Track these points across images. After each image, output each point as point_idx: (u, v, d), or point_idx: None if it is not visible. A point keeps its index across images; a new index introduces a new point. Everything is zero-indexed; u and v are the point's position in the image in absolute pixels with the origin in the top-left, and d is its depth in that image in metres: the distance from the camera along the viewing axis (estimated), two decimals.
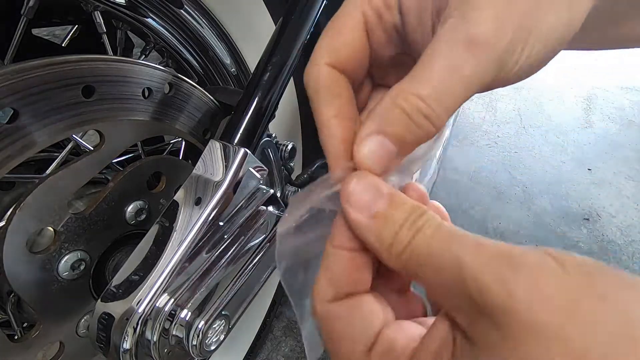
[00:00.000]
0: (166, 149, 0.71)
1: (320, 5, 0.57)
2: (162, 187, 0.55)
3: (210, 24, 0.72)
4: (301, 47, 0.56)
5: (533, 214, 1.69)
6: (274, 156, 0.64)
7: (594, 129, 2.21)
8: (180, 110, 0.55)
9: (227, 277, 0.49)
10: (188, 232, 0.45)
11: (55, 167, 0.50)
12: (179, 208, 0.47)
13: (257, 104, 0.53)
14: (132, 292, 0.43)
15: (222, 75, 0.76)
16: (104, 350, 0.44)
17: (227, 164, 0.49)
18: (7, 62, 0.51)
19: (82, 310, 0.50)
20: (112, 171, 0.58)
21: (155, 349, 0.45)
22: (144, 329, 0.44)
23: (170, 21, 0.68)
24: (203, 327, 0.45)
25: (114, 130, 0.47)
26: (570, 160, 1.99)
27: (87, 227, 0.47)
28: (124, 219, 0.51)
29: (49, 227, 0.44)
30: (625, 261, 1.51)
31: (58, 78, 0.40)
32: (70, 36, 0.74)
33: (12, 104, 0.38)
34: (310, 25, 0.57)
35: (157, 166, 0.54)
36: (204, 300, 0.47)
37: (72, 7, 0.68)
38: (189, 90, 0.55)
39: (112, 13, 0.61)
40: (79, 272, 0.47)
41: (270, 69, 0.53)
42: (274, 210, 0.56)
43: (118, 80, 0.45)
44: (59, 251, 0.45)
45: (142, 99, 0.49)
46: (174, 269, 0.44)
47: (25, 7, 0.49)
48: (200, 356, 0.47)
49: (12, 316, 0.50)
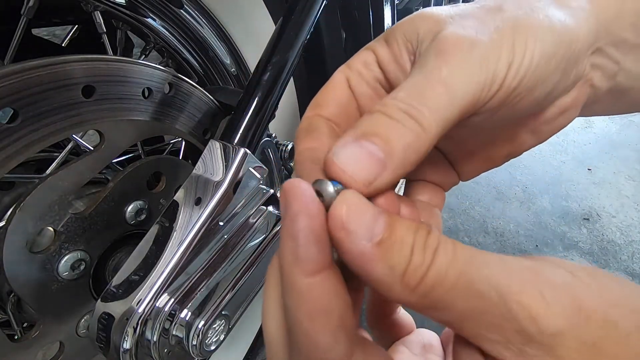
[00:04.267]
0: (166, 149, 0.71)
1: (320, 5, 0.57)
2: (162, 187, 0.55)
3: (210, 24, 0.72)
4: (301, 47, 0.56)
5: (533, 214, 1.69)
6: (274, 156, 0.64)
7: (594, 129, 2.21)
8: (180, 110, 0.55)
9: (227, 277, 0.49)
10: (188, 232, 0.45)
11: (55, 167, 0.50)
12: (179, 208, 0.47)
13: (257, 104, 0.52)
14: (132, 292, 0.43)
15: (222, 75, 0.76)
16: (104, 350, 0.44)
17: (227, 164, 0.49)
18: (7, 62, 0.51)
19: (82, 310, 0.50)
20: (112, 171, 0.58)
21: (155, 349, 0.45)
22: (144, 329, 0.44)
23: (170, 21, 0.68)
24: (203, 327, 0.45)
25: (114, 130, 0.47)
26: (570, 160, 1.99)
27: (87, 227, 0.47)
28: (124, 219, 0.51)
29: (49, 227, 0.44)
30: (625, 261, 1.51)
31: (58, 78, 0.40)
32: (70, 36, 0.74)
33: (12, 104, 0.38)
34: (310, 25, 0.57)
35: (157, 166, 0.54)
36: (204, 300, 0.46)
37: (72, 7, 0.68)
38: (189, 90, 0.55)
39: (112, 13, 0.61)
40: (79, 272, 0.47)
41: (270, 69, 0.53)
42: (274, 210, 0.56)
43: (118, 80, 0.45)
44: (59, 251, 0.45)
45: (142, 99, 0.49)
46: (174, 269, 0.44)
47: (25, 7, 0.49)
48: (200, 356, 0.47)
49: (12, 316, 0.50)
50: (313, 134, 0.22)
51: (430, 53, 0.20)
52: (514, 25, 0.20)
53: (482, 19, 0.20)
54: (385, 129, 0.18)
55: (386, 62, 0.24)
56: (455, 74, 0.19)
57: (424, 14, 0.22)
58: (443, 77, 0.19)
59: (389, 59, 0.23)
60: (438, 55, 0.19)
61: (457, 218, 1.63)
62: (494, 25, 0.20)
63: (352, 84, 0.24)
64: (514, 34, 0.20)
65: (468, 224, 1.61)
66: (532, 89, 0.20)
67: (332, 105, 0.23)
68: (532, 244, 1.54)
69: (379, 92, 0.24)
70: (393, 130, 0.18)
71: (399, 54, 0.23)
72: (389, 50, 0.23)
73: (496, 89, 0.19)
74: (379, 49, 0.24)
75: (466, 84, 0.19)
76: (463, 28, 0.20)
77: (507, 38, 0.20)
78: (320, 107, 0.23)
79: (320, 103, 0.24)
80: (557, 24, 0.20)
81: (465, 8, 0.22)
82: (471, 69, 0.19)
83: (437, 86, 0.18)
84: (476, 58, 0.19)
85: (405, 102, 0.18)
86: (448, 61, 0.19)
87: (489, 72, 0.19)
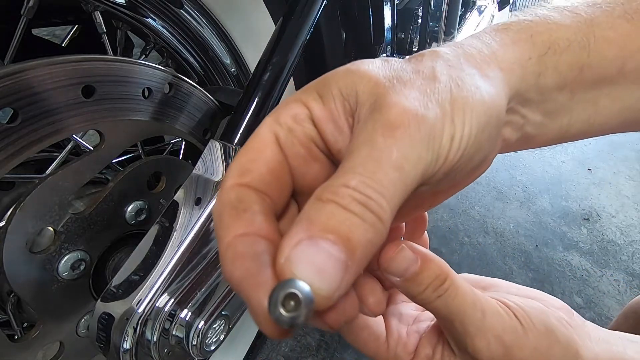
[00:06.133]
0: (166, 149, 0.71)
1: (320, 5, 0.57)
2: (162, 187, 0.55)
3: (210, 24, 0.72)
4: (301, 47, 0.56)
5: (533, 214, 1.69)
6: None
7: None
8: (180, 110, 0.55)
9: None
10: (188, 232, 0.45)
11: (55, 167, 0.50)
12: (179, 208, 0.47)
13: (257, 104, 0.52)
14: (132, 292, 0.43)
15: (222, 75, 0.76)
16: (104, 350, 0.44)
17: (227, 164, 0.49)
18: (7, 62, 0.51)
19: (82, 310, 0.50)
20: (112, 171, 0.58)
21: (155, 349, 0.45)
22: (144, 329, 0.44)
23: (170, 21, 0.68)
24: (203, 327, 0.45)
25: (114, 130, 0.47)
26: (570, 160, 1.99)
27: (87, 227, 0.47)
28: (124, 219, 0.51)
29: (49, 227, 0.44)
30: (625, 261, 1.51)
31: (58, 78, 0.40)
32: (70, 36, 0.74)
33: (12, 104, 0.38)
34: (310, 25, 0.57)
35: (157, 166, 0.54)
36: (204, 300, 0.46)
37: (72, 7, 0.68)
38: (189, 90, 0.55)
39: (112, 13, 0.61)
40: (79, 272, 0.47)
41: (270, 69, 0.53)
42: None
43: (118, 80, 0.45)
44: (59, 251, 0.45)
45: (142, 99, 0.49)
46: (174, 269, 0.44)
47: (25, 7, 0.49)
48: (200, 356, 0.47)
49: (12, 316, 0.50)
50: (244, 215, 0.19)
51: (376, 126, 0.19)
52: (451, 99, 0.20)
53: (421, 89, 0.20)
54: (344, 226, 0.16)
55: (322, 121, 0.21)
56: (406, 155, 0.18)
57: (360, 72, 0.21)
58: (394, 159, 0.18)
59: (325, 117, 0.21)
60: (386, 132, 0.18)
61: (457, 218, 1.63)
62: (435, 99, 0.20)
63: (281, 142, 0.21)
64: (453, 109, 0.20)
65: (468, 224, 1.61)
66: (471, 158, 0.21)
67: (261, 170, 0.20)
68: (532, 244, 1.54)
69: (313, 153, 0.22)
70: (352, 226, 0.17)
71: (336, 114, 0.21)
72: (324, 107, 0.21)
73: (441, 163, 0.20)
74: (312, 103, 0.21)
75: (416, 164, 0.18)
76: (406, 99, 0.19)
77: (448, 113, 0.20)
78: (246, 174, 0.20)
79: (246, 168, 0.20)
80: (486, 96, 0.21)
81: (400, 69, 0.21)
82: (420, 148, 0.19)
83: (391, 171, 0.18)
84: (424, 137, 0.19)
85: (361, 192, 0.17)
86: (397, 141, 0.18)
87: (435, 149, 0.19)
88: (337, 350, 1.17)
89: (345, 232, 0.16)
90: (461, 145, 0.20)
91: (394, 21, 1.00)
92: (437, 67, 0.21)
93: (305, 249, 0.16)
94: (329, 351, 1.16)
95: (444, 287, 0.25)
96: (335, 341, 1.19)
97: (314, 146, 0.22)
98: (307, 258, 0.16)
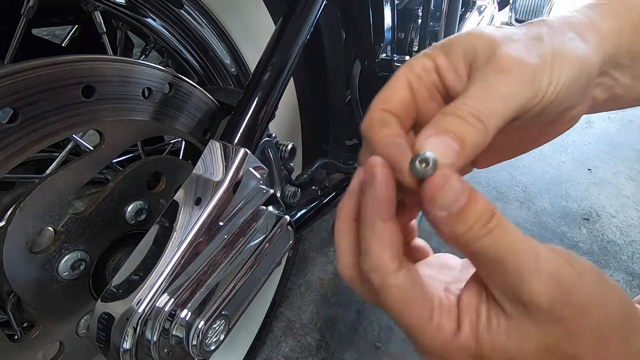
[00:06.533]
0: (166, 149, 0.71)
1: (320, 5, 0.57)
2: (162, 187, 0.55)
3: (210, 24, 0.72)
4: (301, 47, 0.56)
5: (533, 214, 1.69)
6: (274, 156, 0.64)
7: (593, 129, 2.21)
8: (180, 110, 0.55)
9: (227, 277, 0.49)
10: (188, 232, 0.45)
11: (55, 167, 0.50)
12: (179, 208, 0.47)
13: (257, 104, 0.52)
14: (132, 292, 0.43)
15: (222, 75, 0.76)
16: (104, 350, 0.44)
17: (227, 164, 0.49)
18: (7, 62, 0.51)
19: (82, 310, 0.50)
20: (112, 171, 0.58)
21: (155, 349, 0.45)
22: (144, 329, 0.44)
23: (170, 21, 0.68)
24: (203, 327, 0.45)
25: (114, 130, 0.47)
26: (570, 160, 1.99)
27: (87, 227, 0.47)
28: (124, 219, 0.51)
29: (49, 227, 0.44)
30: (625, 261, 1.51)
31: (58, 78, 0.40)
32: (70, 36, 0.74)
33: (12, 104, 0.38)
34: (310, 25, 0.57)
35: (157, 166, 0.54)
36: (204, 300, 0.46)
37: (72, 7, 0.68)
38: (189, 90, 0.55)
39: (112, 13, 0.61)
40: (79, 272, 0.47)
41: (270, 69, 0.53)
42: (274, 210, 0.56)
43: (118, 80, 0.45)
44: (59, 251, 0.45)
45: (142, 99, 0.49)
46: (174, 269, 0.44)
47: (25, 7, 0.49)
48: (200, 356, 0.47)
49: (12, 316, 0.50)
50: (388, 125, 0.27)
51: (489, 68, 0.25)
52: (552, 53, 0.26)
53: (527, 45, 0.26)
54: (460, 128, 0.24)
55: (445, 71, 0.28)
56: (511, 89, 0.24)
57: (479, 33, 0.27)
58: (502, 91, 0.24)
59: (448, 68, 0.28)
60: (498, 72, 0.25)
61: None
62: (537, 53, 0.26)
63: (413, 86, 0.28)
64: (553, 61, 0.25)
65: None
66: (561, 103, 0.27)
67: (397, 103, 0.28)
68: None
69: (434, 97, 0.29)
70: (465, 130, 0.24)
71: (457, 65, 0.27)
72: (448, 61, 0.28)
73: (538, 101, 0.25)
74: (439, 58, 0.28)
75: (518, 97, 0.25)
76: (515, 50, 0.25)
77: (548, 63, 0.25)
78: (387, 104, 0.28)
79: (386, 100, 0.28)
80: (582, 55, 0.27)
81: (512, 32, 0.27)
82: (523, 86, 0.25)
83: (497, 99, 0.24)
84: (527, 78, 0.25)
85: (475, 108, 0.24)
86: (506, 79, 0.24)
87: (534, 88, 0.25)
88: (337, 350, 1.16)
89: (460, 132, 0.24)
90: (555, 89, 0.25)
91: (394, 21, 1.00)
92: (543, 31, 0.27)
93: (433, 139, 0.24)
94: (329, 351, 1.16)
95: (493, 224, 0.23)
96: (336, 341, 1.19)
97: (436, 91, 0.29)
98: (434, 144, 0.23)
